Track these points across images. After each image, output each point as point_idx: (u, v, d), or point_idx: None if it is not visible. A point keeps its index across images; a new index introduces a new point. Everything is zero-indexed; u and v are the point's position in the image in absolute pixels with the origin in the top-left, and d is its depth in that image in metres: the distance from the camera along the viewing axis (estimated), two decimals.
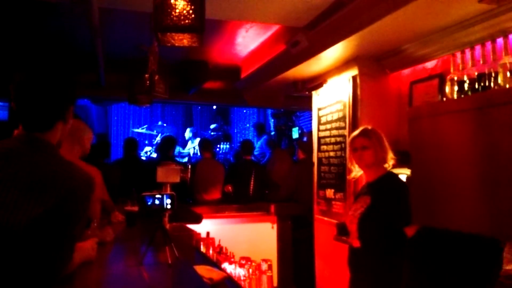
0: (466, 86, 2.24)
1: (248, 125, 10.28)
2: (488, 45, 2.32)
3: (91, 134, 2.99)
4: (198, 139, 8.56)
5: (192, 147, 8.89)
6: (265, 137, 8.08)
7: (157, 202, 2.16)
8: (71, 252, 1.32)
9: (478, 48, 2.37)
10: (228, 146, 9.31)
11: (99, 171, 2.94)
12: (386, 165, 2.56)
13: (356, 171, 2.69)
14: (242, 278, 3.54)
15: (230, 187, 5.56)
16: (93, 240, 2.09)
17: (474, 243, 1.85)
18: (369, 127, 2.64)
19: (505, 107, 1.62)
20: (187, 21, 2.05)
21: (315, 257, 4.41)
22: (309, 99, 4.66)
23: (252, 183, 5.58)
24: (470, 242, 1.85)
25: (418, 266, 2.05)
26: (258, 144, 7.75)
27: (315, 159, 4.46)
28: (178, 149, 8.44)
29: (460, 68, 2.34)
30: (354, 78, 3.74)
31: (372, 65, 3.68)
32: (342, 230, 2.73)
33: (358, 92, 3.69)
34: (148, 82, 4.00)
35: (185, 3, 2.04)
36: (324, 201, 4.20)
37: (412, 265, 2.10)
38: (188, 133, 9.25)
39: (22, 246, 1.18)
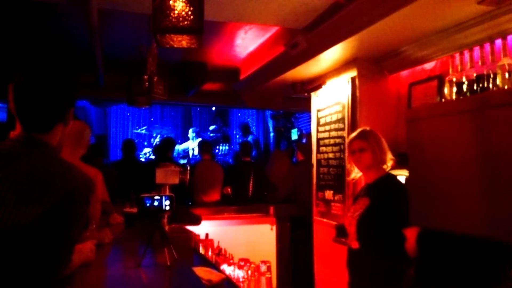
0: (464, 87, 2.24)
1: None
2: (487, 46, 2.32)
3: (90, 133, 3.02)
4: (199, 139, 8.58)
5: (192, 148, 8.88)
6: (250, 137, 8.11)
7: (155, 203, 2.16)
8: (70, 254, 1.31)
9: (476, 49, 2.37)
10: (227, 147, 9.31)
11: (100, 172, 2.94)
12: (385, 166, 2.56)
13: (356, 173, 2.69)
14: (241, 279, 3.53)
15: (229, 189, 5.56)
16: (91, 242, 2.08)
17: (484, 245, 1.83)
18: (367, 129, 2.64)
19: (503, 108, 1.62)
20: (186, 22, 2.05)
21: (314, 258, 4.41)
22: (308, 100, 4.66)
23: (251, 184, 5.57)
24: (479, 244, 1.83)
25: (427, 270, 2.03)
26: None
27: (314, 161, 4.46)
28: (177, 148, 8.44)
29: (459, 69, 2.34)
30: (353, 79, 3.74)
31: (371, 66, 3.69)
32: (341, 232, 2.73)
33: (357, 93, 3.69)
34: (147, 83, 3.99)
35: (184, 4, 2.04)
36: (323, 203, 4.20)
37: (421, 269, 2.08)
38: (191, 133, 9.25)
39: (21, 247, 1.18)
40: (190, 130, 9.34)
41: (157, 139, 9.07)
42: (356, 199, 2.68)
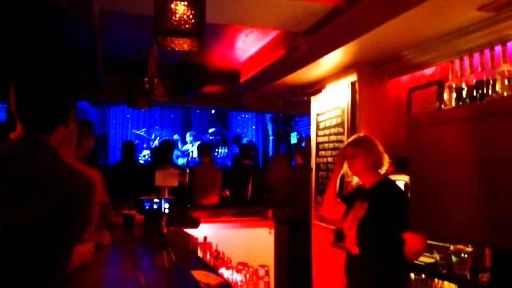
0: (464, 93, 2.25)
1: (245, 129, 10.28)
2: (487, 52, 2.32)
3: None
4: (198, 142, 8.59)
5: (191, 150, 8.88)
6: (245, 139, 8.16)
7: (155, 206, 2.16)
8: (69, 255, 1.31)
9: (476, 55, 2.37)
10: (226, 150, 9.31)
11: (99, 173, 2.94)
12: (380, 170, 2.57)
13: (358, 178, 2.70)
14: (239, 283, 3.52)
15: (228, 192, 5.55)
16: (90, 243, 2.08)
17: None
18: (361, 135, 2.70)
19: (502, 116, 1.63)
20: (187, 25, 2.05)
21: (312, 262, 4.40)
22: (307, 104, 4.66)
23: (250, 187, 5.57)
24: None
25: None
26: None
27: (313, 165, 4.46)
28: (176, 152, 8.44)
29: (459, 75, 2.35)
30: (353, 84, 3.74)
31: (371, 71, 3.69)
32: (340, 236, 2.73)
33: (357, 98, 3.69)
34: (147, 85, 3.99)
35: (185, 7, 2.04)
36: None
37: None
38: (188, 137, 9.26)
39: (20, 248, 1.17)
40: (188, 134, 9.34)
41: (156, 142, 9.07)
42: (354, 203, 2.66)
